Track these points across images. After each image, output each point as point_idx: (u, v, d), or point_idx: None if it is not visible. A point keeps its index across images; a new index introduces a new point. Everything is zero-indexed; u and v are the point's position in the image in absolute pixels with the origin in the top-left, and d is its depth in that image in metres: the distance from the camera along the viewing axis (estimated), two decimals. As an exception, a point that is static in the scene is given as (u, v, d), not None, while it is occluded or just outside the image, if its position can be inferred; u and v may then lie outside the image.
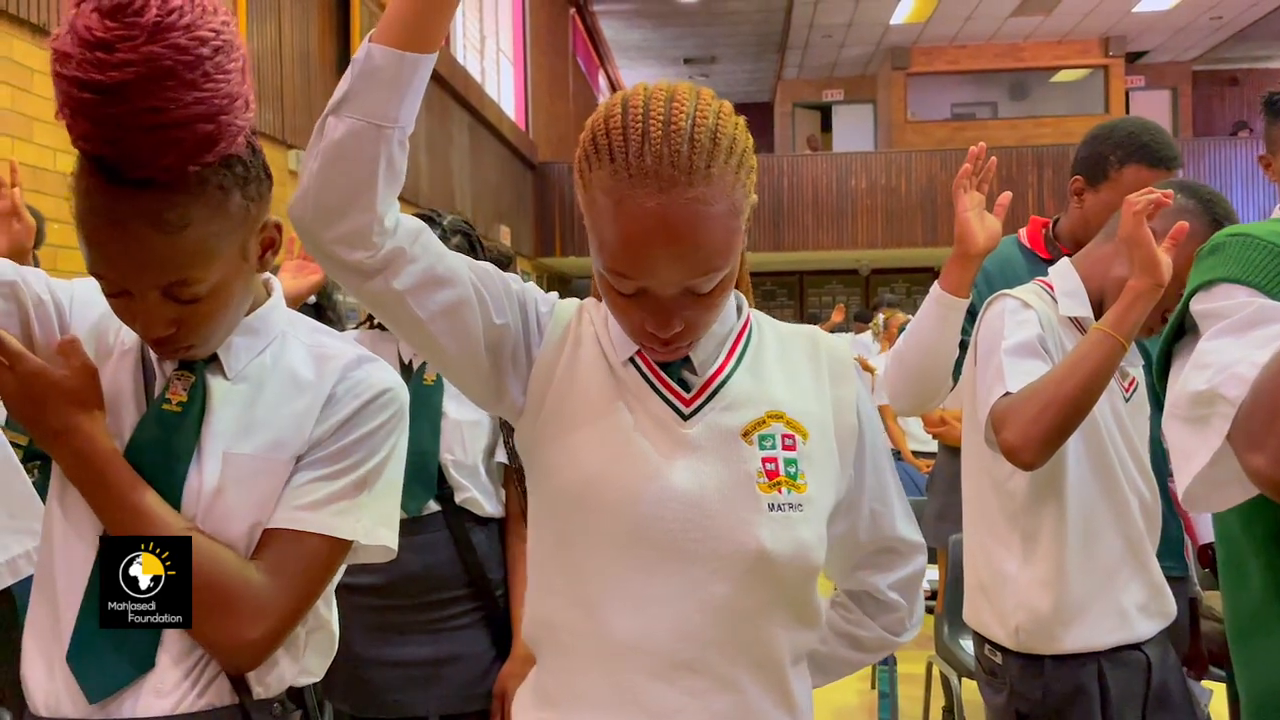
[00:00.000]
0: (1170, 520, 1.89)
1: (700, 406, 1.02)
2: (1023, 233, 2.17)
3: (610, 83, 17.87)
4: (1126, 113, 14.77)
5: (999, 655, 1.66)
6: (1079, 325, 1.67)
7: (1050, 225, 2.15)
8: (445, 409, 1.78)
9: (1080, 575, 1.60)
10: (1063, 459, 1.60)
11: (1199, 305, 1.15)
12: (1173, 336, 1.22)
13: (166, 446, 1.08)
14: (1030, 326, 1.59)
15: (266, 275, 1.20)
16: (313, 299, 2.34)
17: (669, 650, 0.97)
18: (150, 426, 1.09)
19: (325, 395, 1.11)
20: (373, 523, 1.11)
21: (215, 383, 1.11)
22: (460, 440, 1.78)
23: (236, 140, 1.02)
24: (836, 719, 3.79)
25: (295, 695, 1.13)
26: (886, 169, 12.39)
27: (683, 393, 1.03)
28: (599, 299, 1.11)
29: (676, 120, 0.93)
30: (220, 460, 1.08)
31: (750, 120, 1.02)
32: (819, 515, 1.02)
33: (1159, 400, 1.91)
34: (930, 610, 3.26)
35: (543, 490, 1.05)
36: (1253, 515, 1.17)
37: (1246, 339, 1.05)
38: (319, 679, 1.18)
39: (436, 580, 1.77)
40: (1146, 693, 1.65)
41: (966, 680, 2.87)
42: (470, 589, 1.79)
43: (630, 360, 1.04)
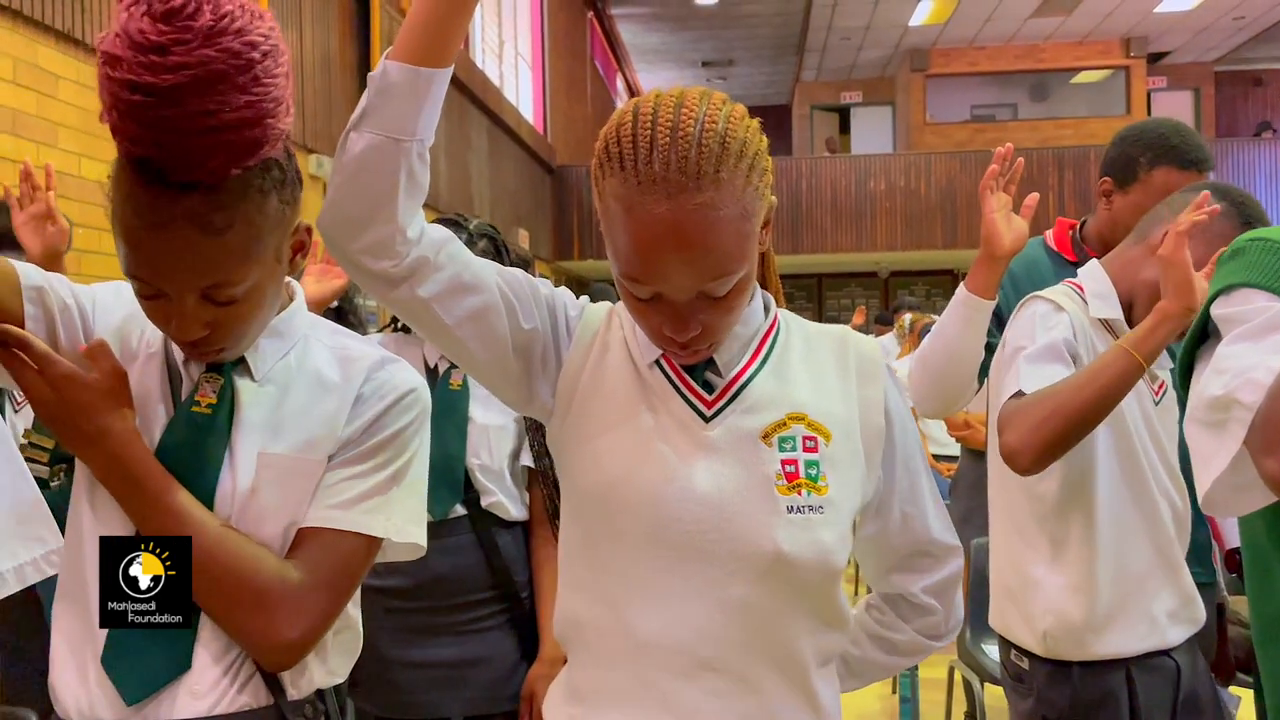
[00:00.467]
0: (1198, 525, 1.87)
1: (722, 409, 1.03)
2: (1049, 234, 2.15)
3: (628, 86, 17.89)
4: (1148, 114, 14.68)
5: (1025, 660, 1.65)
6: (1109, 327, 1.65)
7: (1077, 227, 2.13)
8: (472, 414, 1.79)
9: (1111, 582, 1.59)
10: (1092, 462, 1.58)
11: (1219, 310, 1.14)
12: (1195, 341, 1.21)
13: (197, 448, 1.09)
14: (1060, 331, 1.58)
15: (288, 279, 1.20)
16: (335, 303, 2.35)
17: (690, 648, 0.98)
18: (180, 429, 1.10)
19: (353, 396, 1.12)
20: (403, 520, 1.12)
21: (243, 384, 1.12)
22: (487, 444, 1.78)
23: (278, 144, 1.04)
24: (858, 724, 3.77)
25: (319, 696, 1.14)
26: (906, 171, 12.34)
27: (705, 395, 1.03)
28: None
29: (684, 126, 0.94)
30: (255, 461, 1.09)
31: (768, 123, 1.03)
32: (841, 518, 1.02)
33: (1184, 404, 1.89)
34: (953, 615, 3.24)
35: (571, 491, 1.06)
36: (1277, 520, 1.16)
37: (1264, 344, 1.05)
38: (343, 680, 1.18)
39: (463, 583, 1.77)
40: (1175, 700, 1.64)
41: (989, 685, 2.85)
42: (496, 591, 1.80)
43: (656, 363, 1.05)
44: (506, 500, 1.80)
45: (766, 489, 1.00)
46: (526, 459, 1.83)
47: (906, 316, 7.10)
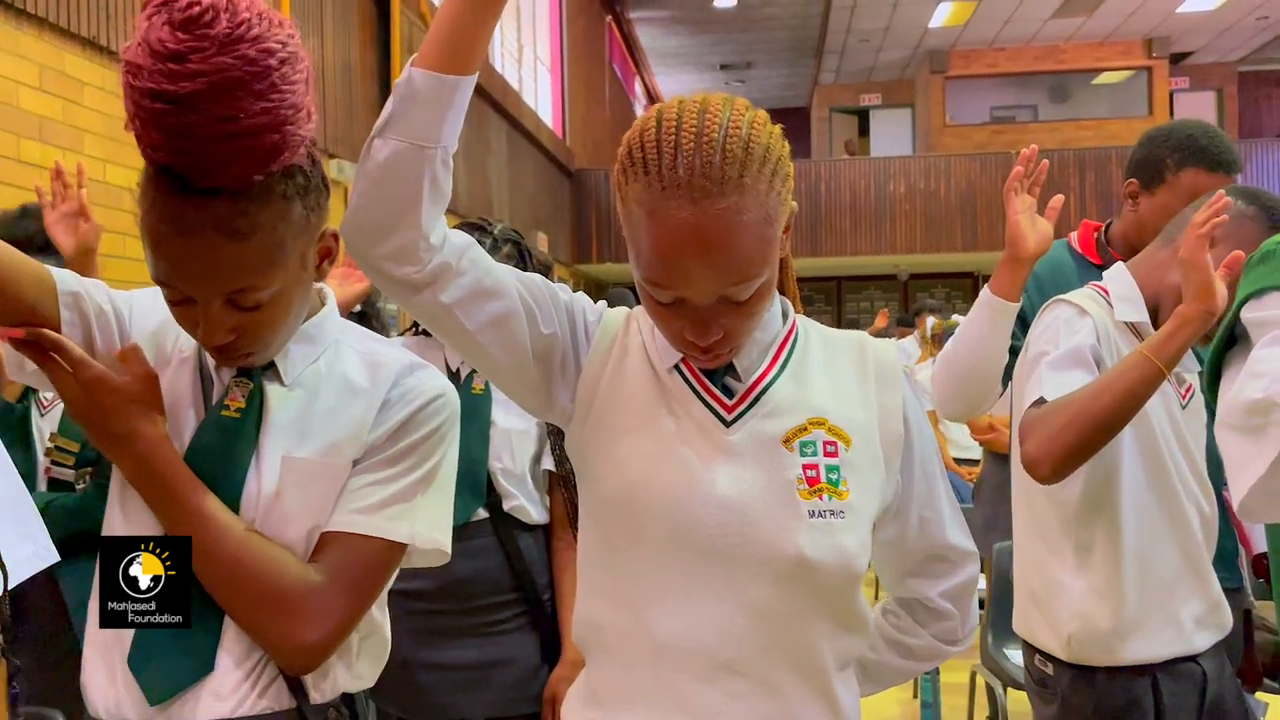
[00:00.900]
0: (1225, 530, 1.85)
1: (742, 413, 1.03)
2: (1073, 236, 2.14)
3: (646, 89, 17.90)
4: (1170, 115, 14.57)
5: (1050, 665, 1.64)
6: (1135, 331, 1.64)
7: (1102, 229, 2.11)
8: (493, 417, 1.79)
9: (1137, 587, 1.58)
10: (1117, 466, 1.57)
11: (1250, 314, 1.13)
12: (1223, 345, 1.20)
13: (225, 452, 1.10)
14: (1084, 335, 1.57)
15: (320, 285, 1.22)
16: (358, 306, 2.36)
17: (711, 651, 0.99)
18: (209, 432, 1.11)
19: (380, 401, 1.13)
20: (427, 526, 1.13)
21: (272, 389, 1.13)
22: (509, 448, 1.79)
23: (299, 150, 1.05)
24: (879, 728, 3.76)
25: (347, 701, 1.14)
26: (925, 173, 12.29)
27: (725, 399, 1.04)
28: None
29: (708, 131, 0.94)
30: (279, 464, 1.10)
31: (786, 126, 1.03)
32: (861, 522, 1.03)
33: (1213, 409, 1.87)
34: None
35: (591, 495, 1.07)
36: None
37: None
38: (370, 684, 1.19)
39: (485, 585, 1.78)
40: (1201, 706, 1.62)
41: (1012, 690, 2.83)
42: (518, 594, 1.80)
43: (675, 367, 1.06)
44: (528, 504, 1.81)
45: (788, 493, 1.00)
46: (548, 463, 1.84)
47: (929, 321, 7.07)
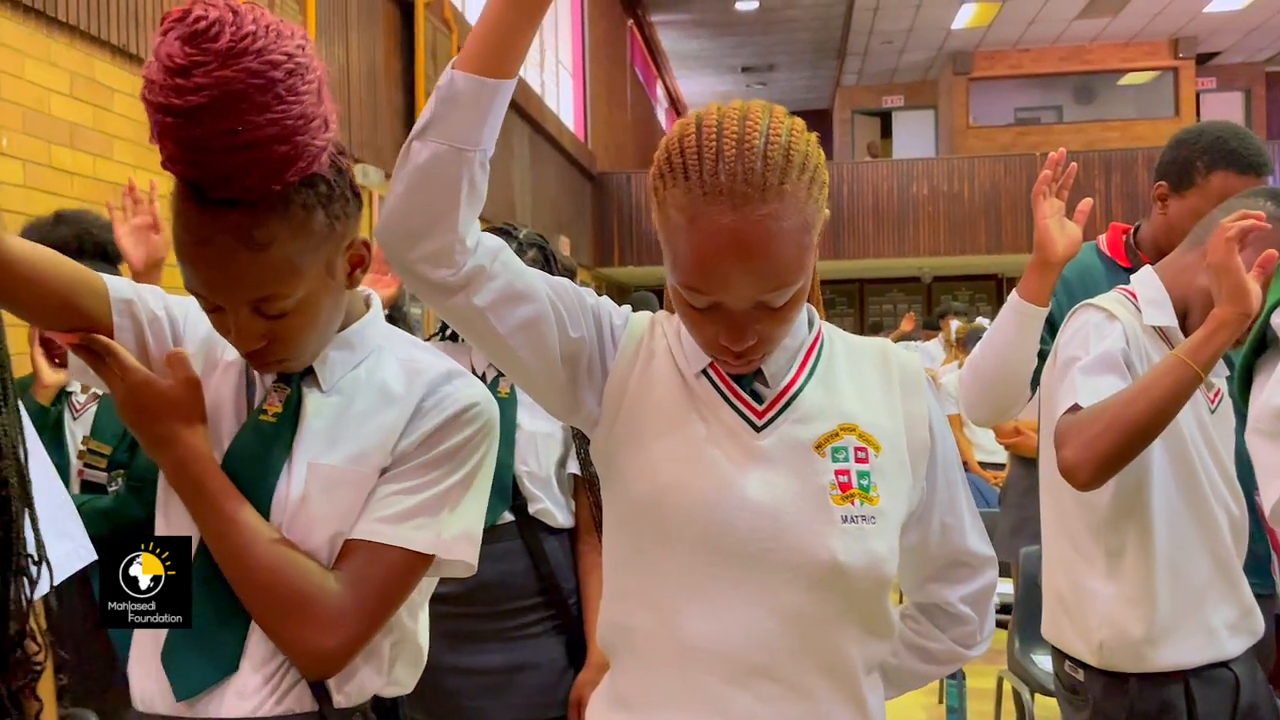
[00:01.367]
0: (1256, 536, 1.83)
1: (773, 418, 1.04)
2: (1102, 240, 2.12)
3: (668, 92, 17.91)
4: (1197, 115, 14.43)
5: (1081, 672, 1.63)
6: (1164, 335, 1.63)
7: (1131, 232, 2.10)
8: (519, 421, 1.80)
9: (1169, 594, 1.57)
10: (1147, 472, 1.56)
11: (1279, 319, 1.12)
12: (1254, 350, 1.19)
13: (260, 456, 1.11)
14: (1114, 340, 1.56)
15: (367, 291, 1.23)
16: (386, 311, 2.38)
17: (742, 655, 0.99)
18: (247, 436, 1.13)
19: (412, 409, 1.13)
20: (453, 538, 1.12)
21: (310, 395, 1.14)
22: (534, 452, 1.80)
23: (318, 160, 1.05)
24: (904, 734, 3.74)
25: (383, 707, 1.15)
26: (949, 175, 12.23)
27: (755, 405, 1.05)
28: (670, 311, 1.12)
29: (750, 138, 0.95)
30: (306, 470, 1.11)
31: (808, 128, 1.03)
32: (891, 528, 1.03)
33: (1243, 414, 1.86)
34: (1002, 625, 3.21)
35: (618, 498, 1.07)
36: None
37: None
38: (408, 691, 1.19)
39: (511, 589, 1.78)
40: (1234, 712, 1.61)
41: (1039, 696, 2.81)
42: (543, 598, 1.81)
43: (703, 372, 1.06)
44: (553, 507, 1.81)
45: (821, 499, 1.01)
46: (573, 466, 1.84)
47: (953, 324, 7.04)
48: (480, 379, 1.84)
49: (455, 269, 0.95)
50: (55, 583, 1.24)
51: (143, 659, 1.11)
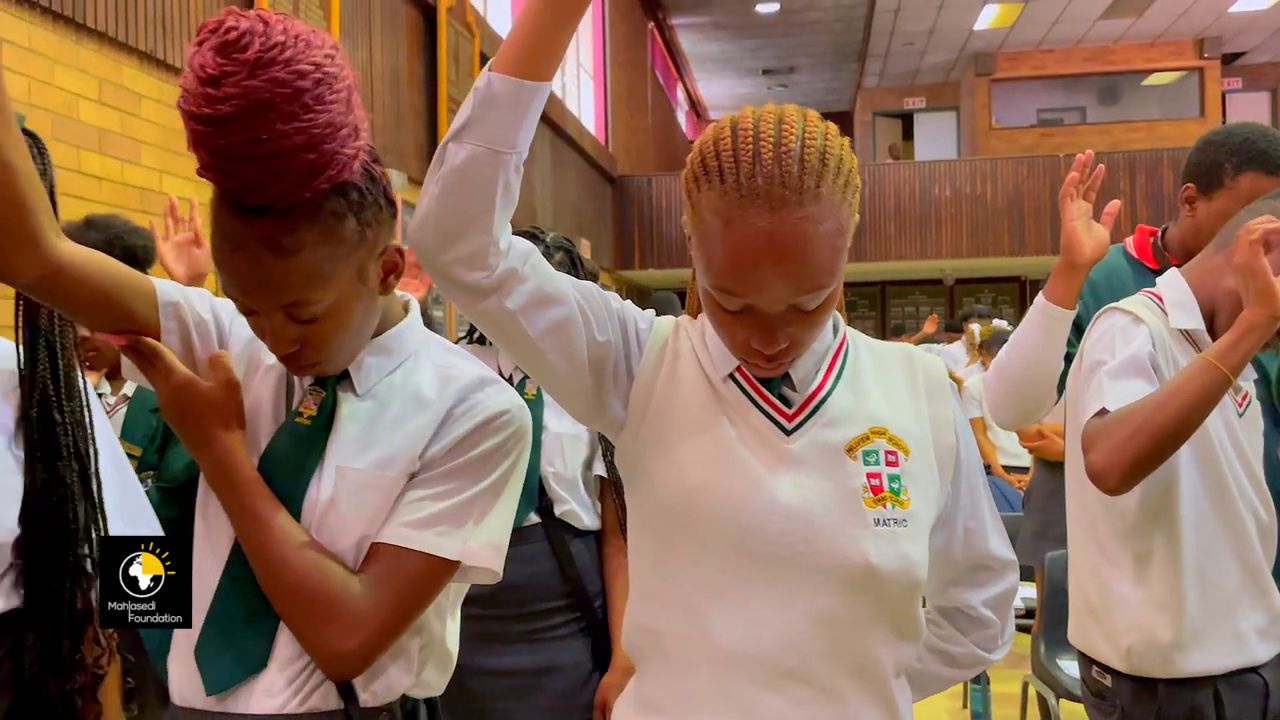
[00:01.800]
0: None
1: (802, 422, 1.04)
2: (1129, 242, 2.11)
3: (688, 95, 17.91)
4: (1223, 116, 14.30)
5: (1108, 678, 1.62)
6: (1190, 338, 1.62)
7: (1159, 234, 2.08)
8: (546, 422, 1.80)
9: (1197, 598, 1.55)
10: (1174, 476, 1.55)
11: None
12: None
13: (294, 458, 1.13)
14: (1140, 343, 1.55)
15: (406, 296, 1.24)
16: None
17: (774, 658, 0.99)
18: (283, 438, 1.15)
19: (443, 415, 1.14)
20: (479, 545, 1.12)
21: (345, 399, 1.16)
22: (560, 453, 1.80)
23: (347, 167, 1.06)
24: (928, 738, 3.72)
25: (413, 709, 1.16)
26: (971, 176, 12.17)
27: (784, 408, 1.04)
28: (693, 315, 1.13)
29: (786, 141, 0.95)
30: (335, 474, 1.12)
31: (830, 130, 1.03)
32: (922, 531, 1.04)
33: (1276, 417, 1.84)
34: (1026, 629, 3.19)
35: (645, 501, 1.07)
36: None
37: None
38: (439, 693, 1.20)
39: (537, 591, 1.79)
40: (1264, 718, 1.59)
41: (1064, 701, 2.79)
42: (569, 600, 1.81)
43: (730, 376, 1.06)
44: (579, 509, 1.82)
45: (854, 502, 1.01)
46: (599, 468, 1.84)
47: (975, 328, 7.00)
48: (507, 381, 1.85)
49: (489, 271, 0.95)
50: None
51: (180, 654, 1.14)
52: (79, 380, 1.21)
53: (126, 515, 1.27)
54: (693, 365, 1.07)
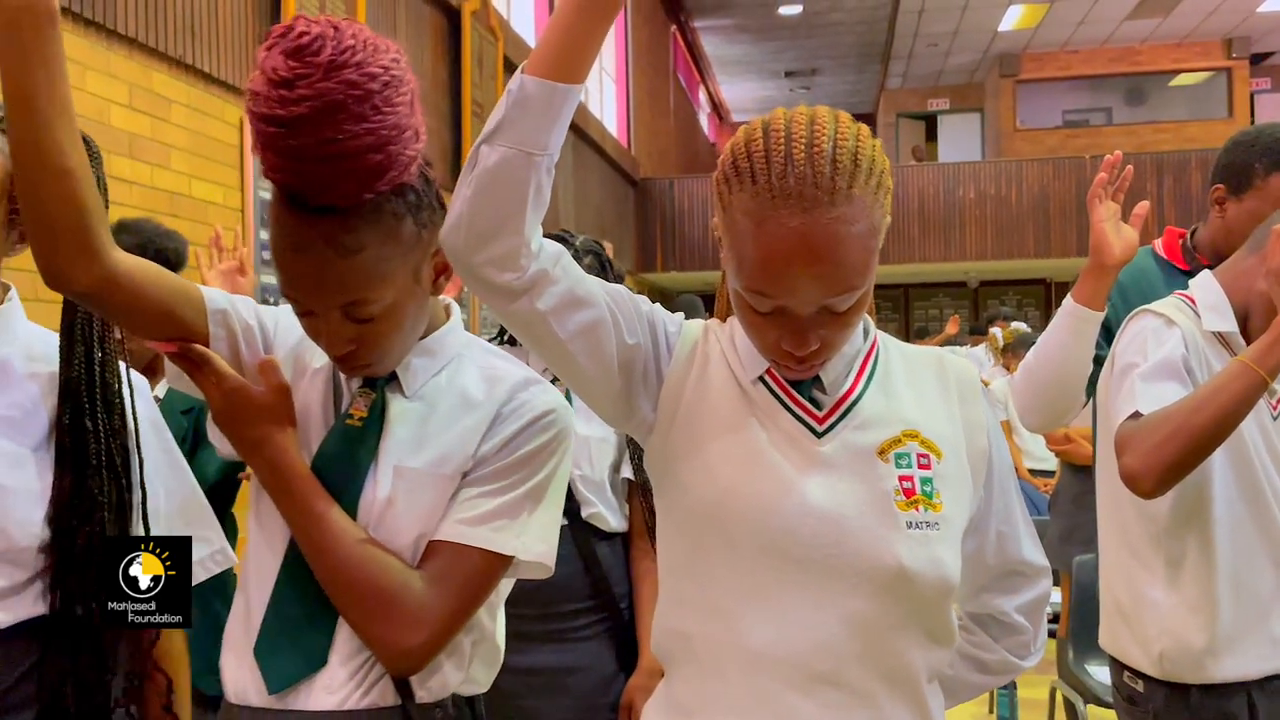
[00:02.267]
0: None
1: (833, 424, 1.04)
2: (1158, 243, 2.09)
3: (710, 98, 17.90)
4: (1252, 116, 14.15)
5: (1140, 683, 1.61)
6: (1224, 341, 1.60)
7: (1188, 235, 2.07)
8: (573, 426, 1.81)
9: (1230, 602, 1.54)
10: (1208, 480, 1.54)
11: None
12: None
13: (347, 459, 1.15)
14: (1173, 346, 1.53)
15: (447, 300, 1.26)
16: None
17: (806, 662, 0.99)
18: (335, 440, 1.16)
19: (492, 415, 1.16)
20: (532, 540, 1.15)
21: (394, 400, 1.18)
22: (588, 456, 1.80)
23: (408, 170, 1.09)
24: (953, 743, 3.70)
25: (463, 704, 1.18)
26: (996, 178, 12.09)
27: (815, 411, 1.04)
28: (722, 318, 1.13)
29: (819, 142, 0.95)
30: (392, 473, 1.14)
31: (854, 132, 1.03)
32: (954, 535, 1.03)
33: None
34: (1052, 634, 3.17)
35: (675, 504, 1.07)
36: None
37: None
38: (485, 689, 1.22)
39: (563, 591, 1.79)
40: (1297, 724, 1.58)
41: (1093, 707, 2.77)
42: (595, 601, 1.82)
43: (760, 379, 1.06)
44: (606, 512, 1.82)
45: (886, 504, 1.01)
46: (627, 471, 1.85)
47: (997, 331, 6.96)
48: (533, 383, 1.86)
49: (520, 273, 0.96)
50: (195, 584, 1.29)
51: (236, 653, 1.15)
52: (121, 389, 1.22)
53: (187, 520, 1.28)
54: (722, 368, 1.07)
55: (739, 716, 1.01)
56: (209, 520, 1.31)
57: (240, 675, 1.14)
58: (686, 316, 1.13)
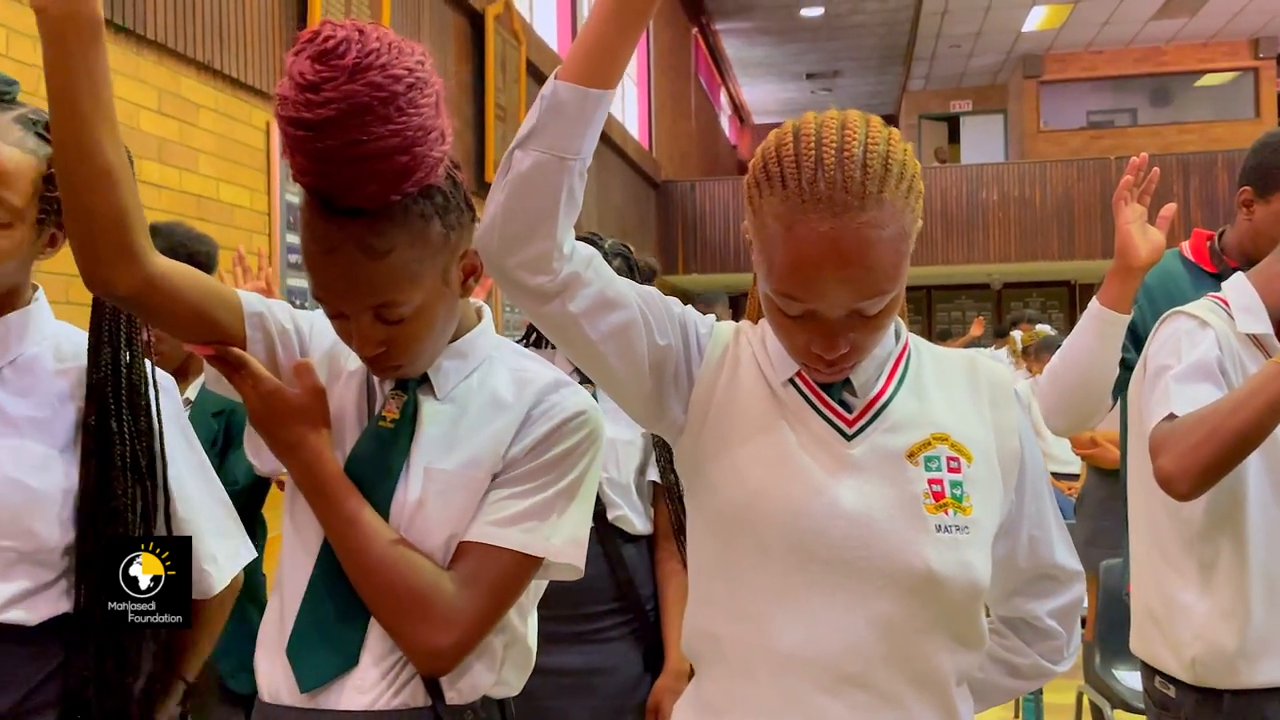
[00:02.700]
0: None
1: (863, 427, 1.04)
2: (1185, 246, 2.08)
3: (732, 100, 17.89)
4: (1279, 117, 14.00)
5: (1172, 688, 1.59)
6: (1259, 343, 1.59)
7: (1215, 238, 2.05)
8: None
9: (1265, 607, 1.52)
10: (1242, 483, 1.52)
11: None
12: None
13: (380, 461, 1.16)
14: (1207, 348, 1.52)
15: (478, 303, 1.27)
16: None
17: (835, 663, 0.99)
18: (368, 442, 1.17)
19: (522, 417, 1.17)
20: (562, 541, 1.16)
21: (426, 402, 1.19)
22: (614, 458, 1.81)
23: (434, 171, 1.10)
24: (978, 748, 3.68)
25: (493, 706, 1.18)
26: (1019, 180, 12.02)
27: (845, 413, 1.05)
28: (753, 320, 1.13)
29: (849, 146, 0.95)
30: (423, 475, 1.15)
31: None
32: (984, 538, 1.03)
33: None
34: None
35: (705, 506, 1.07)
36: None
37: None
38: (516, 692, 1.22)
39: (589, 593, 1.79)
40: (1332, 730, 1.56)
41: (1120, 712, 2.75)
42: (620, 603, 1.82)
43: (790, 381, 1.07)
44: (632, 514, 1.83)
45: (915, 508, 1.01)
46: (653, 474, 1.85)
47: (1017, 334, 6.91)
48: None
49: (553, 275, 0.97)
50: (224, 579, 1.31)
51: (269, 652, 1.16)
52: (148, 391, 1.24)
53: (213, 527, 1.30)
54: (753, 370, 1.08)
55: (768, 717, 1.01)
56: (233, 522, 1.32)
57: (273, 674, 1.15)
58: (709, 307, 1.13)
